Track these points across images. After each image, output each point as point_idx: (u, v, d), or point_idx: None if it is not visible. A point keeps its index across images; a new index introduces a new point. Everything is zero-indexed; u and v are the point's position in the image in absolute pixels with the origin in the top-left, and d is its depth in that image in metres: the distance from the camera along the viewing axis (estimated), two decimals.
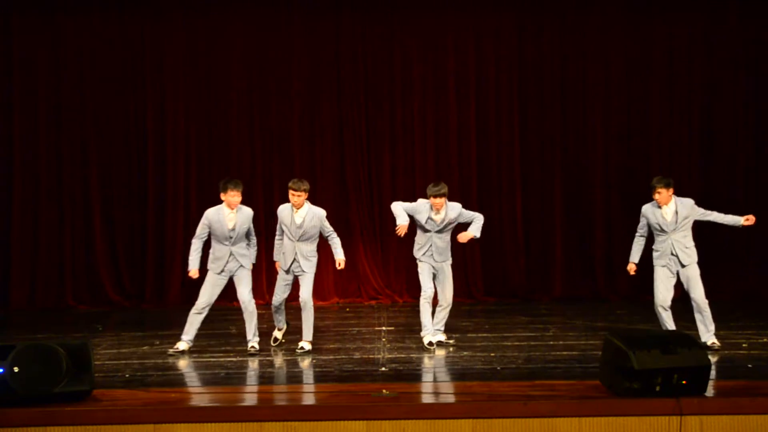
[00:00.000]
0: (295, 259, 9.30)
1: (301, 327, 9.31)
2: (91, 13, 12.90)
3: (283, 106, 13.10)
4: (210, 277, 9.30)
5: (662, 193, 9.04)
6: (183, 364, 8.70)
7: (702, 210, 9.17)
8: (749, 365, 8.23)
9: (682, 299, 12.74)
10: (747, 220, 9.10)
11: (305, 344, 9.31)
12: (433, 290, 9.42)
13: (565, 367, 8.28)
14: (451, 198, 9.67)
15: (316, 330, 10.41)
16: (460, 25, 13.10)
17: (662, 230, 9.08)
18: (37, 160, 12.90)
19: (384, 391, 7.21)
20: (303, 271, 9.31)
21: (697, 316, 9.10)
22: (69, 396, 6.80)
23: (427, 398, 7.08)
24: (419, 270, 9.49)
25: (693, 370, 6.71)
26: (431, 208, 9.35)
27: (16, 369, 6.66)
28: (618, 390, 6.76)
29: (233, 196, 9.20)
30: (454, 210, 9.44)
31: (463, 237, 9.44)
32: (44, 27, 12.84)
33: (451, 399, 7.00)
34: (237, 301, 12.76)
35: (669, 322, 8.97)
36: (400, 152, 13.15)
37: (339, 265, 9.49)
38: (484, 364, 8.56)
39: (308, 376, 8.39)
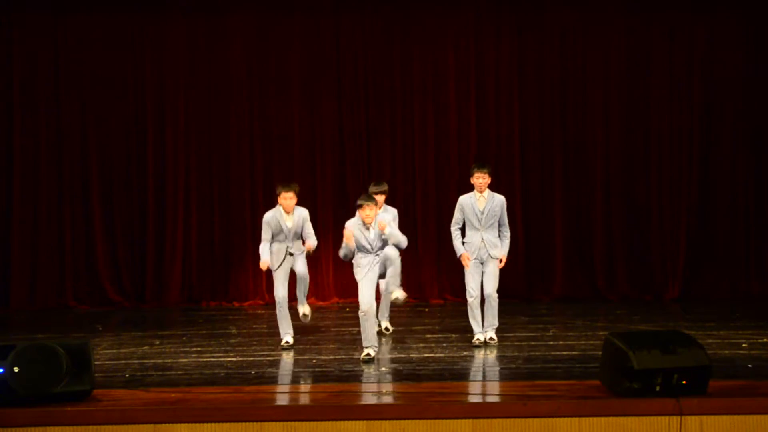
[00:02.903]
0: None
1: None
2: (92, 13, 12.89)
3: (283, 106, 13.10)
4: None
5: None
6: (183, 364, 8.70)
7: None
8: (749, 365, 8.22)
9: (681, 299, 12.83)
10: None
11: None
12: None
13: (565, 367, 8.27)
14: (451, 197, 9.66)
15: (317, 330, 10.43)
16: (460, 25, 13.10)
17: None
18: (37, 160, 12.90)
19: (384, 391, 7.21)
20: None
21: None
22: (69, 396, 6.80)
23: (427, 398, 7.07)
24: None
25: (693, 370, 6.70)
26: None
27: (16, 369, 6.66)
28: (618, 390, 6.76)
29: None
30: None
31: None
32: (44, 26, 12.83)
33: (451, 399, 6.99)
34: (237, 300, 12.93)
35: None
36: (400, 152, 13.14)
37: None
38: (484, 364, 8.55)
39: (308, 376, 8.39)
